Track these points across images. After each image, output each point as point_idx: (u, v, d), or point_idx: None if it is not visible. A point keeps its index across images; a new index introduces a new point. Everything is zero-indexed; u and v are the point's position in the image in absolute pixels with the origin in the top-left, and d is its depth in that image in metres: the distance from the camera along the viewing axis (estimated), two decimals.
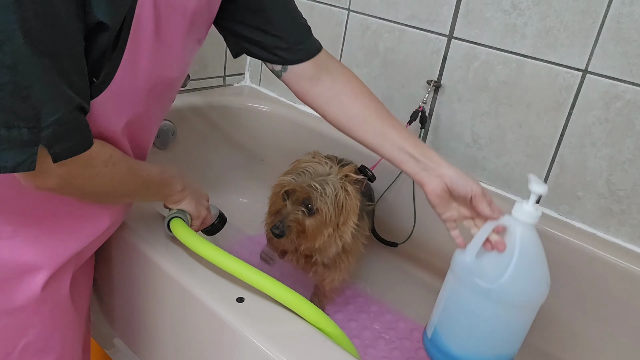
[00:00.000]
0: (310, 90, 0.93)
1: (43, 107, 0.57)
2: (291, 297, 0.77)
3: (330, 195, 0.99)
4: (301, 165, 1.03)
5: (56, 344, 0.83)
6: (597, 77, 1.07)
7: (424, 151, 0.86)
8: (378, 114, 0.89)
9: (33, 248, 0.76)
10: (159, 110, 0.83)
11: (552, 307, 1.17)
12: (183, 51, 0.78)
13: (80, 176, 0.68)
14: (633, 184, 1.08)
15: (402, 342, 1.27)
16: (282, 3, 0.90)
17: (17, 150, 0.57)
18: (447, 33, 1.25)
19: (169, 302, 0.89)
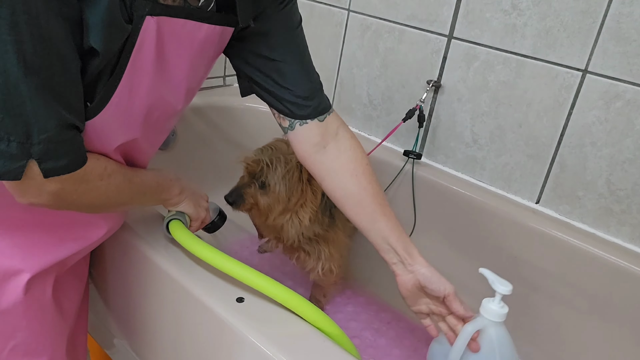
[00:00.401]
0: (313, 156, 0.90)
1: (34, 125, 0.58)
2: (291, 297, 0.77)
3: (280, 173, 1.01)
4: (269, 142, 1.06)
5: (45, 346, 0.83)
6: (597, 77, 1.07)
7: (405, 245, 0.89)
8: (373, 199, 0.89)
9: (19, 252, 0.76)
10: (155, 137, 0.83)
11: (552, 307, 1.17)
12: (187, 80, 0.77)
13: (75, 192, 0.68)
14: (633, 184, 1.08)
15: (402, 341, 1.27)
16: (296, 57, 0.86)
17: (4, 160, 0.58)
18: (447, 33, 1.25)
19: (169, 302, 0.89)
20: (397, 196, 1.35)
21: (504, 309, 0.84)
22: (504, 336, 0.86)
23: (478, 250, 1.25)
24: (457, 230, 1.28)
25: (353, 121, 1.49)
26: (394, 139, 1.40)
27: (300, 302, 0.77)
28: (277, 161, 1.02)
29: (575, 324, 1.14)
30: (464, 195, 1.25)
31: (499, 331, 0.85)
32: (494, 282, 0.84)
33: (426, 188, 1.31)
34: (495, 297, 0.84)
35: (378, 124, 1.44)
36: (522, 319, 1.22)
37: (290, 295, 0.77)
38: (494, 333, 0.85)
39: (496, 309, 0.84)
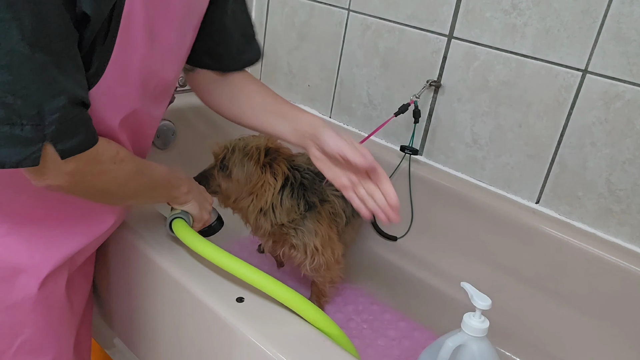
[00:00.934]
0: (214, 89, 0.95)
1: (45, 105, 0.57)
2: (291, 296, 0.77)
3: (239, 156, 1.07)
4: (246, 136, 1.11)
5: (52, 343, 0.83)
6: (597, 77, 1.07)
7: (310, 124, 0.85)
8: (275, 97, 0.92)
9: (28, 247, 0.76)
10: (155, 108, 0.83)
11: (552, 307, 1.17)
12: (178, 45, 0.78)
13: (90, 172, 0.67)
14: (633, 184, 1.08)
15: (402, 341, 1.27)
16: (237, 20, 0.90)
17: (20, 147, 0.58)
18: (447, 33, 1.25)
19: (169, 302, 0.89)
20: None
21: (485, 324, 0.85)
22: (487, 350, 0.87)
23: (478, 250, 1.26)
24: (457, 230, 1.28)
25: (353, 121, 1.49)
26: (392, 136, 1.40)
27: (301, 301, 0.77)
28: (237, 145, 1.08)
29: (575, 324, 1.14)
30: (464, 195, 1.25)
31: (480, 346, 0.86)
32: (473, 296, 0.85)
33: (426, 188, 1.31)
34: (476, 312, 0.85)
35: (378, 123, 1.44)
36: (521, 319, 1.22)
37: (291, 295, 0.77)
38: (475, 348, 0.86)
39: (476, 324, 0.84)
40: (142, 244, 0.90)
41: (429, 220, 1.33)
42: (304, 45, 1.54)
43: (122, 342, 1.08)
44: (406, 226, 1.36)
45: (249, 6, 1.40)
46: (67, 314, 0.86)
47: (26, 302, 0.78)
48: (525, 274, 1.19)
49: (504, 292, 1.20)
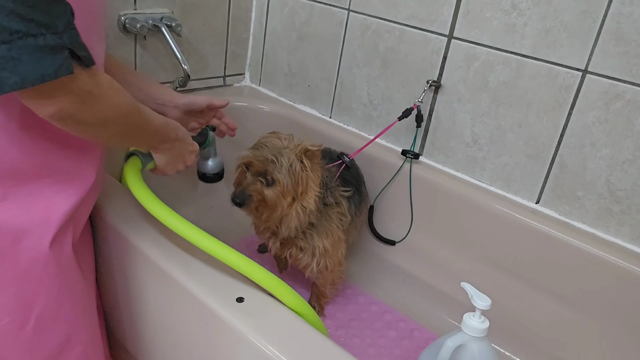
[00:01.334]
0: None
1: (53, 11, 0.59)
2: (234, 256, 0.78)
3: (285, 166, 1.05)
4: (260, 140, 1.09)
5: (69, 314, 0.84)
6: (597, 77, 1.07)
7: (165, 93, 1.05)
8: (132, 71, 1.05)
9: (25, 209, 0.76)
10: (97, 50, 0.82)
11: (552, 307, 1.17)
12: None
13: (93, 95, 0.67)
14: (633, 184, 1.08)
15: (402, 341, 1.27)
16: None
17: (51, 56, 0.59)
18: (447, 33, 1.25)
19: (168, 302, 0.89)
20: (396, 195, 1.35)
21: (485, 324, 0.85)
22: (487, 350, 0.87)
23: (477, 250, 1.26)
24: (457, 230, 1.28)
25: (353, 121, 1.50)
26: (394, 138, 1.40)
27: (244, 262, 0.78)
28: (280, 156, 1.06)
29: (575, 323, 1.14)
30: (463, 195, 1.25)
31: (480, 346, 0.86)
32: (473, 296, 0.85)
33: (426, 188, 1.31)
34: (476, 312, 0.85)
35: (378, 124, 1.44)
36: (521, 319, 1.22)
37: (233, 255, 0.78)
38: (475, 348, 0.86)
39: (476, 324, 0.85)
40: (142, 244, 0.90)
41: (428, 220, 1.33)
42: (304, 45, 1.54)
43: (121, 342, 1.08)
44: (405, 230, 1.36)
45: (248, 6, 1.45)
46: (79, 280, 0.86)
47: (36, 266, 0.78)
48: (526, 274, 1.19)
49: (504, 292, 1.20)
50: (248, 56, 1.70)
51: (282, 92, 1.65)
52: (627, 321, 1.08)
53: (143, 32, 1.32)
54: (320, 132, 1.49)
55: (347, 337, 1.26)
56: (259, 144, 1.09)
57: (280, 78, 1.64)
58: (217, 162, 1.09)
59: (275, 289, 0.80)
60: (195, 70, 1.53)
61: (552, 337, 1.18)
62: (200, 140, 1.02)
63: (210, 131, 1.05)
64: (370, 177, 1.36)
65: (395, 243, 1.38)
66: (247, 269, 0.79)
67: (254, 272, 0.79)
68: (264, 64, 1.68)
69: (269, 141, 1.09)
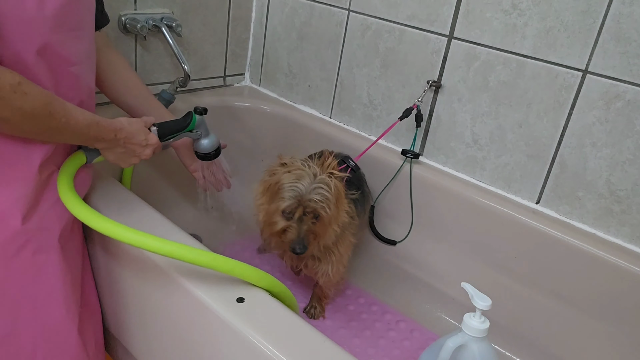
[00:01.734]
0: (98, 59, 1.01)
1: None
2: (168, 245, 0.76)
3: (324, 196, 1.04)
4: (284, 181, 1.04)
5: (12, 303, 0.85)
6: (597, 77, 1.07)
7: (169, 114, 1.10)
8: (142, 83, 1.12)
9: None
10: (73, 45, 0.85)
11: (552, 307, 1.17)
12: None
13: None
14: (633, 184, 1.08)
15: (402, 342, 1.27)
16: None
17: None
18: (447, 33, 1.25)
19: (169, 302, 0.89)
20: (396, 195, 1.35)
21: (485, 324, 0.85)
22: (487, 351, 0.87)
23: (478, 250, 1.25)
24: (457, 230, 1.28)
25: (353, 121, 1.49)
26: (393, 138, 1.40)
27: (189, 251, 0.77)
28: (318, 189, 1.04)
29: (575, 323, 1.14)
30: (464, 195, 1.25)
31: (481, 347, 0.86)
32: (473, 297, 0.84)
33: (427, 188, 1.31)
34: (476, 312, 0.85)
35: (378, 124, 1.44)
36: (521, 319, 1.22)
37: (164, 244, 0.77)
38: (476, 349, 0.86)
39: (477, 324, 0.84)
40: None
41: (429, 220, 1.33)
42: (304, 45, 1.54)
43: (121, 342, 1.08)
44: (406, 230, 1.36)
45: (248, 6, 1.46)
46: (32, 272, 0.87)
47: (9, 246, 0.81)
48: (526, 274, 1.19)
49: (504, 292, 1.20)
50: (248, 56, 1.70)
51: (282, 92, 1.65)
52: (627, 321, 1.08)
53: (143, 32, 1.32)
54: (320, 132, 1.49)
55: (347, 337, 1.26)
56: (290, 186, 1.04)
57: (281, 78, 1.64)
58: (211, 141, 1.10)
59: (230, 269, 0.79)
60: (195, 70, 1.53)
61: (552, 337, 1.18)
62: (184, 124, 1.03)
63: (197, 114, 1.05)
64: (370, 177, 1.36)
65: (396, 243, 1.38)
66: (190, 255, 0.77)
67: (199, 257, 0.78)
68: (264, 64, 1.68)
69: (295, 176, 1.05)
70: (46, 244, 0.88)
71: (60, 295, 0.90)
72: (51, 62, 0.81)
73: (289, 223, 1.05)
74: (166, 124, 1.01)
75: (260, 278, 0.81)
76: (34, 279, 0.87)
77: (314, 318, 1.30)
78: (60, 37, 0.81)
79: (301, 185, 1.03)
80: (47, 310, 0.89)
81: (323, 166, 1.07)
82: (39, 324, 0.88)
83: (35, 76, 0.79)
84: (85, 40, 0.89)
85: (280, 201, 1.04)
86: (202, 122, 1.07)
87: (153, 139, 0.95)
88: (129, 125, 0.91)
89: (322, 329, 1.16)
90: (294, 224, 1.04)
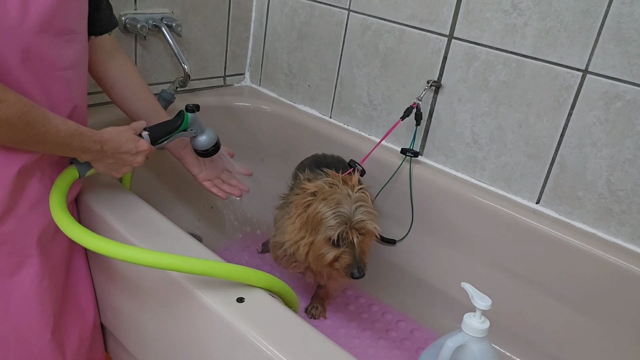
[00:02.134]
0: (107, 63, 1.04)
1: None
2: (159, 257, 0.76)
3: (372, 212, 1.04)
4: (325, 210, 1.03)
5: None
6: (597, 77, 1.07)
7: None
8: (151, 93, 1.12)
9: None
10: (60, 49, 0.84)
11: (552, 307, 1.17)
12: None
13: None
14: (633, 184, 1.08)
15: (402, 342, 1.27)
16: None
17: None
18: (447, 33, 1.25)
19: (168, 302, 0.89)
20: (395, 195, 1.35)
21: (485, 324, 0.85)
22: (487, 351, 0.87)
23: (478, 250, 1.25)
24: (457, 230, 1.28)
25: (353, 121, 1.49)
26: (393, 137, 1.40)
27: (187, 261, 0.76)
28: (359, 207, 1.04)
29: (575, 324, 1.14)
30: (464, 195, 1.25)
31: (481, 347, 0.86)
32: (473, 297, 0.84)
33: (426, 188, 1.31)
34: (476, 312, 0.85)
35: (378, 123, 1.44)
36: (521, 319, 1.22)
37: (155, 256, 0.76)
38: (476, 349, 0.85)
39: (477, 324, 0.84)
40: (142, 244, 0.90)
41: (429, 220, 1.33)
42: (304, 45, 1.54)
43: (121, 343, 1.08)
44: (405, 229, 1.36)
45: (248, 6, 1.47)
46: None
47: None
48: (525, 274, 1.19)
49: (504, 292, 1.20)
50: (248, 56, 1.70)
51: (282, 92, 1.65)
52: (627, 321, 1.08)
53: (143, 32, 1.32)
54: (320, 132, 1.49)
55: (347, 338, 1.26)
56: (333, 213, 1.03)
57: (281, 78, 1.64)
58: (209, 136, 1.08)
59: (227, 274, 0.78)
60: (195, 70, 1.53)
61: (552, 337, 1.18)
62: (176, 124, 1.02)
63: (188, 113, 1.04)
64: (370, 176, 1.36)
65: (396, 242, 1.38)
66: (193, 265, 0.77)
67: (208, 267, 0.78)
68: (264, 64, 1.68)
69: (335, 201, 1.03)
70: (22, 247, 0.88)
71: (35, 298, 0.90)
72: (37, 66, 0.80)
73: (340, 249, 1.03)
74: (157, 127, 1.00)
75: (259, 279, 0.81)
76: (8, 280, 0.87)
77: (315, 318, 1.30)
78: (46, 41, 0.80)
79: (343, 209, 1.02)
80: (19, 311, 0.89)
81: (350, 184, 1.06)
82: (11, 325, 0.88)
83: (18, 81, 0.78)
84: (77, 44, 0.88)
85: (328, 230, 1.02)
86: (195, 119, 1.05)
87: (143, 145, 0.94)
88: (117, 136, 0.90)
89: (322, 329, 1.16)
90: (347, 249, 1.03)
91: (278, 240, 1.15)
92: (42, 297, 0.91)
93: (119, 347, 1.11)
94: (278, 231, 1.16)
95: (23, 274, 0.88)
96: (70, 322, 0.98)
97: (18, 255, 0.87)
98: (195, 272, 0.76)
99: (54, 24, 0.80)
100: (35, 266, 0.89)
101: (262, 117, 1.59)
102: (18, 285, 0.88)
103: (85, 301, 1.03)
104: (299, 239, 1.07)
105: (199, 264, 0.76)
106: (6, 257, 0.86)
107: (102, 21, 1.00)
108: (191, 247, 0.89)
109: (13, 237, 0.86)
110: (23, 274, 0.88)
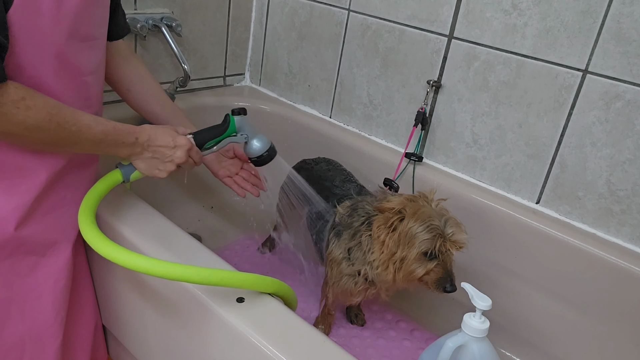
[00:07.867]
0: (124, 66, 1.04)
1: None
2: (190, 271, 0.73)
3: (458, 221, 1.05)
4: (416, 225, 1.02)
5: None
6: (597, 77, 1.07)
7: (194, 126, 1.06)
8: (167, 97, 1.10)
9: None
10: (85, 55, 0.84)
11: (552, 307, 1.17)
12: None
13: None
14: (633, 184, 1.08)
15: (402, 342, 1.27)
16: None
17: None
18: (447, 33, 1.25)
19: (168, 302, 0.89)
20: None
21: (485, 324, 0.85)
22: (487, 351, 0.87)
23: (477, 250, 1.25)
24: None
25: (353, 121, 1.49)
26: (392, 137, 1.40)
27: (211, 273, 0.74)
28: (452, 221, 1.03)
29: (575, 323, 1.14)
30: (464, 195, 1.25)
31: (481, 347, 0.86)
32: (473, 297, 0.84)
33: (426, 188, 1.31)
34: (476, 312, 0.85)
35: (378, 123, 1.44)
36: (521, 319, 1.22)
37: (188, 270, 0.74)
38: (476, 349, 0.85)
39: (477, 324, 0.84)
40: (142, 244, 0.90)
41: None
42: (304, 45, 1.54)
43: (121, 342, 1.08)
44: None
45: (248, 6, 1.48)
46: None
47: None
48: (525, 274, 1.19)
49: (504, 292, 1.20)
50: (248, 56, 1.70)
51: (282, 92, 1.65)
52: (627, 321, 1.08)
53: (143, 32, 1.32)
54: (320, 132, 1.49)
55: (347, 338, 1.26)
56: (426, 227, 1.01)
57: (281, 78, 1.64)
58: (261, 142, 1.00)
59: (226, 282, 0.76)
60: (195, 70, 1.53)
61: (552, 337, 1.18)
62: (221, 129, 0.96)
63: (234, 116, 0.97)
64: (370, 177, 1.36)
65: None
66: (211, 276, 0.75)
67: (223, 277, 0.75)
68: (264, 64, 1.68)
69: (426, 215, 1.02)
70: (38, 248, 0.88)
71: (49, 299, 0.90)
72: (66, 72, 0.81)
73: (433, 263, 1.02)
74: (202, 131, 0.95)
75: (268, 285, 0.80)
76: (23, 281, 0.87)
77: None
78: (74, 47, 0.80)
79: (435, 222, 1.01)
80: (35, 312, 0.89)
81: (429, 197, 1.06)
82: (26, 327, 0.88)
83: (50, 88, 0.78)
84: (98, 50, 0.88)
85: (424, 244, 1.00)
86: (243, 123, 0.98)
87: (182, 140, 0.89)
88: (153, 128, 0.88)
89: None
90: (439, 263, 1.02)
91: (352, 271, 1.10)
92: (56, 298, 0.91)
93: (120, 348, 1.11)
94: (353, 261, 1.10)
95: (38, 274, 0.88)
96: (74, 324, 0.98)
97: (34, 255, 0.88)
98: (191, 281, 0.75)
99: (81, 30, 0.81)
100: (49, 266, 0.90)
101: (262, 117, 1.59)
102: (34, 285, 0.88)
103: (87, 303, 1.03)
104: (387, 258, 1.04)
105: (212, 275, 0.74)
106: (22, 257, 0.86)
107: (118, 26, 1.00)
108: (191, 247, 0.89)
109: (31, 239, 0.86)
110: (38, 274, 0.88)
